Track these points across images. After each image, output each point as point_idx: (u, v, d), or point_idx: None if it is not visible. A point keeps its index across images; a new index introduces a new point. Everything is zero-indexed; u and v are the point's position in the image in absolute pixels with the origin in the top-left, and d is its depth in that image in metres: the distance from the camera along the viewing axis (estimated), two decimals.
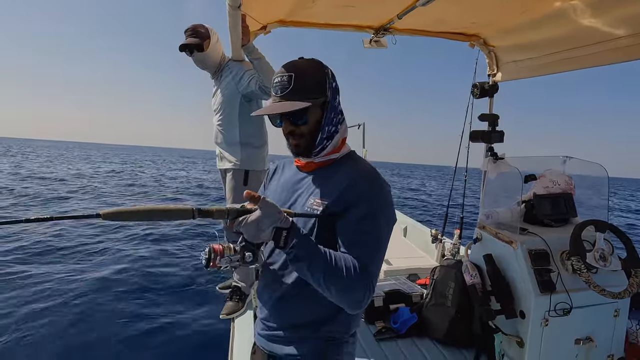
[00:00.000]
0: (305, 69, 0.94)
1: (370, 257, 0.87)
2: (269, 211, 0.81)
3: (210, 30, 2.28)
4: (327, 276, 0.82)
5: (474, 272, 1.83)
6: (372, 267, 0.87)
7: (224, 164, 2.41)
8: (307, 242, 0.84)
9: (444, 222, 3.36)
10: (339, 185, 0.93)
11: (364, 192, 0.91)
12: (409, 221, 4.11)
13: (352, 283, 0.83)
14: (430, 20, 2.15)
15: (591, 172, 1.97)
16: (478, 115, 2.37)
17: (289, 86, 0.91)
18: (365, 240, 0.88)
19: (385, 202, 0.93)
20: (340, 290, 0.83)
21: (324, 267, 0.82)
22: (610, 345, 1.72)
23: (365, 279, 0.84)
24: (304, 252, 0.82)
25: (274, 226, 0.81)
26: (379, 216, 0.90)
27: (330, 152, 1.01)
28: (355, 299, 0.84)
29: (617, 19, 1.63)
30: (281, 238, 0.81)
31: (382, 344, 2.00)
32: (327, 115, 0.96)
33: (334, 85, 0.97)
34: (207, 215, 0.82)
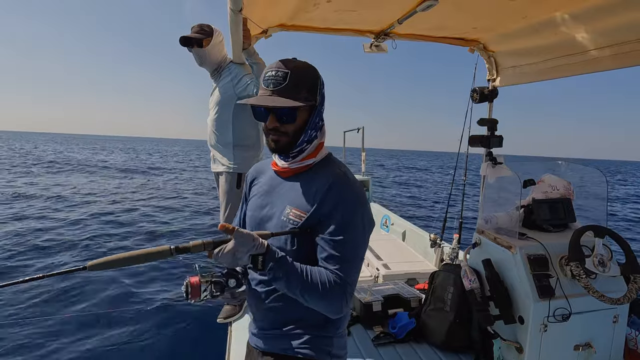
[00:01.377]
0: (301, 70, 0.95)
1: (346, 268, 0.91)
2: (243, 241, 0.86)
3: (215, 30, 2.29)
4: (305, 292, 0.89)
5: (472, 277, 1.82)
6: (349, 278, 0.91)
7: (217, 167, 2.42)
8: (283, 264, 0.89)
9: (443, 226, 3.36)
10: (314, 194, 0.96)
11: (338, 202, 0.93)
12: (407, 226, 4.10)
13: (328, 296, 0.89)
14: (431, 26, 2.16)
15: (590, 177, 1.97)
16: (477, 120, 2.38)
17: (284, 82, 0.92)
18: (340, 252, 0.91)
19: (359, 207, 0.95)
20: (318, 303, 0.90)
21: (301, 284, 0.89)
22: (610, 351, 1.71)
23: (342, 290, 0.90)
24: (281, 272, 0.89)
25: (250, 254, 0.87)
26: (353, 225, 0.93)
27: (307, 157, 1.01)
28: (332, 309, 0.92)
29: (615, 25, 1.64)
30: (258, 263, 0.88)
31: (380, 349, 1.99)
32: (312, 119, 0.98)
33: (323, 92, 1.00)
34: (184, 251, 0.86)
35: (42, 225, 7.13)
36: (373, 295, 2.29)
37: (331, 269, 0.91)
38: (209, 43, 2.26)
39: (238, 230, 0.86)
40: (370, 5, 1.87)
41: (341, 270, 0.91)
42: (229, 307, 2.34)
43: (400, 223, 4.22)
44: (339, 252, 0.92)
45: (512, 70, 2.43)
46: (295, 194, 0.99)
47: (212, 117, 2.38)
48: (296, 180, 1.02)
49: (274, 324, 1.03)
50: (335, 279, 0.90)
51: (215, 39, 2.28)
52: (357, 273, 0.96)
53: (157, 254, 0.86)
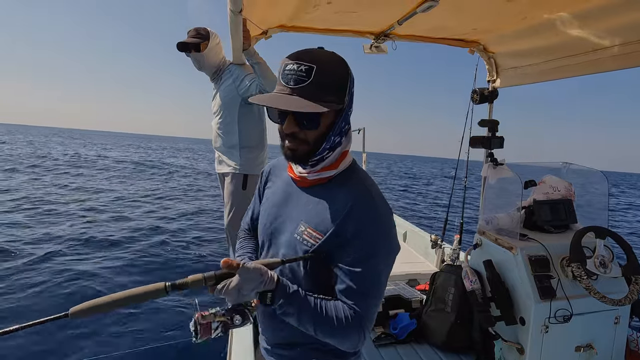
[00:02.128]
0: (330, 65, 0.79)
1: (365, 303, 0.82)
2: (249, 277, 0.76)
3: (212, 33, 2.29)
4: (318, 328, 0.81)
5: (473, 278, 1.82)
6: (367, 314, 0.83)
7: (223, 168, 2.41)
8: (294, 300, 0.81)
9: (444, 227, 3.36)
10: (332, 214, 0.84)
11: (360, 229, 0.81)
12: (408, 226, 4.10)
13: (343, 332, 0.81)
14: (431, 27, 2.16)
15: (591, 178, 1.97)
16: (478, 121, 2.38)
17: (307, 79, 0.76)
18: (359, 286, 0.81)
19: (385, 235, 0.84)
20: (332, 339, 0.83)
21: (314, 320, 0.81)
22: (611, 352, 1.71)
23: (358, 326, 0.81)
24: (292, 309, 0.81)
25: (256, 291, 0.78)
26: (376, 255, 0.82)
27: (327, 167, 0.88)
28: (347, 345, 0.83)
29: (616, 26, 1.64)
30: (267, 299, 0.79)
31: (381, 349, 1.98)
32: (338, 123, 0.83)
33: (352, 92, 0.84)
34: (182, 287, 0.76)
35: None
36: None
37: (349, 304, 0.82)
38: (206, 47, 2.26)
39: (244, 267, 0.76)
40: (370, 7, 1.87)
41: (359, 306, 0.82)
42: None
43: (401, 224, 4.22)
44: (358, 286, 0.81)
45: (512, 72, 2.43)
46: (311, 210, 0.88)
47: (216, 120, 2.39)
48: (314, 193, 0.90)
49: (281, 340, 0.97)
50: (353, 314, 0.81)
51: (212, 41, 2.28)
52: (376, 307, 0.86)
53: (151, 294, 0.75)
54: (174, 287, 0.76)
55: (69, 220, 7.46)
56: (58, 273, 4.75)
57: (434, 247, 3.23)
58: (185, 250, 6.13)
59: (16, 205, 8.36)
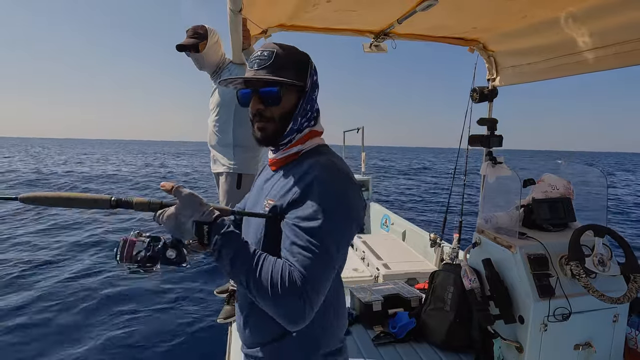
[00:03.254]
0: (289, 50, 0.87)
1: (310, 265, 0.72)
2: (186, 201, 0.75)
3: (210, 31, 2.26)
4: (252, 280, 0.72)
5: (472, 277, 1.82)
6: (310, 274, 0.72)
7: (218, 167, 2.41)
8: (231, 240, 0.74)
9: (443, 226, 3.36)
10: (290, 181, 0.83)
11: (313, 186, 0.78)
12: (407, 225, 4.10)
13: (279, 292, 0.70)
14: (430, 25, 2.16)
15: (590, 176, 1.97)
16: (477, 119, 2.38)
17: (269, 61, 0.83)
18: (304, 245, 0.74)
19: (339, 198, 0.79)
20: (267, 300, 0.71)
21: (248, 269, 0.72)
22: (610, 350, 1.71)
23: (299, 290, 0.70)
24: (226, 250, 0.73)
25: (193, 219, 0.74)
26: (327, 215, 0.76)
27: (294, 144, 0.90)
28: (285, 312, 0.71)
29: (616, 25, 1.64)
30: (203, 234, 0.74)
31: (380, 348, 1.99)
32: (302, 104, 0.87)
33: (315, 79, 0.90)
34: (126, 206, 0.77)
35: None
36: (373, 295, 2.29)
37: (291, 261, 0.73)
38: (205, 47, 2.23)
39: (177, 188, 0.75)
40: (370, 5, 1.87)
41: (301, 263, 0.72)
42: (229, 308, 2.33)
43: (400, 223, 4.23)
44: (302, 241, 0.74)
45: (511, 70, 2.43)
46: (276, 186, 0.89)
47: (212, 118, 2.38)
48: (282, 171, 0.91)
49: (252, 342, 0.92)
50: (292, 273, 0.71)
51: (210, 40, 2.25)
52: (322, 270, 0.74)
53: (95, 202, 0.76)
54: (118, 202, 0.76)
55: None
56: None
57: (433, 246, 3.23)
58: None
59: None
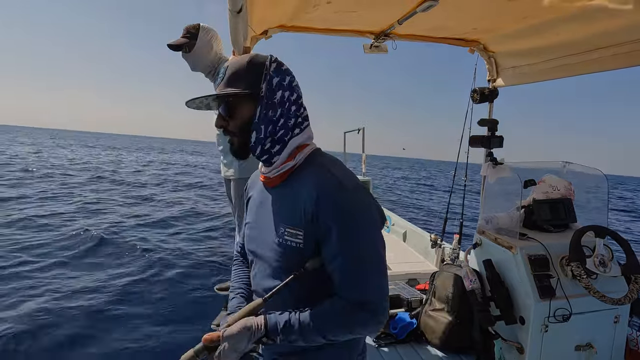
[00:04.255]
0: (240, 60, 0.87)
1: (361, 287, 0.80)
2: (237, 339, 0.80)
3: (202, 30, 2.19)
4: (328, 333, 0.81)
5: (473, 278, 1.82)
6: (368, 295, 0.81)
7: (227, 172, 2.42)
8: (289, 329, 0.80)
9: (443, 227, 3.36)
10: (304, 207, 0.82)
11: (332, 212, 0.80)
12: (408, 226, 4.10)
13: (353, 325, 0.81)
14: (431, 26, 2.16)
15: (591, 177, 1.97)
16: (478, 120, 2.38)
17: (223, 77, 0.86)
18: (349, 271, 0.81)
19: (359, 212, 0.82)
20: (348, 335, 0.83)
21: (319, 333, 0.80)
22: (611, 351, 1.71)
23: (365, 310, 0.80)
24: (293, 336, 0.80)
25: (251, 343, 0.81)
26: (357, 234, 0.81)
27: (285, 161, 0.89)
28: (367, 331, 0.83)
29: (616, 25, 1.64)
30: (264, 343, 0.82)
31: (381, 349, 1.99)
32: (260, 110, 0.84)
33: (275, 81, 0.86)
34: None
35: None
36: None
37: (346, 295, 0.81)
38: (193, 47, 2.17)
39: (225, 335, 0.80)
40: (370, 6, 1.87)
41: (356, 292, 0.80)
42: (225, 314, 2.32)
43: (401, 223, 4.22)
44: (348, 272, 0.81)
45: (512, 71, 2.43)
46: (283, 208, 0.88)
47: None
48: (281, 190, 0.90)
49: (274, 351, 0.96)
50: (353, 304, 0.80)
51: (201, 39, 2.18)
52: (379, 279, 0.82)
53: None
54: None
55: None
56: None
57: (433, 247, 3.23)
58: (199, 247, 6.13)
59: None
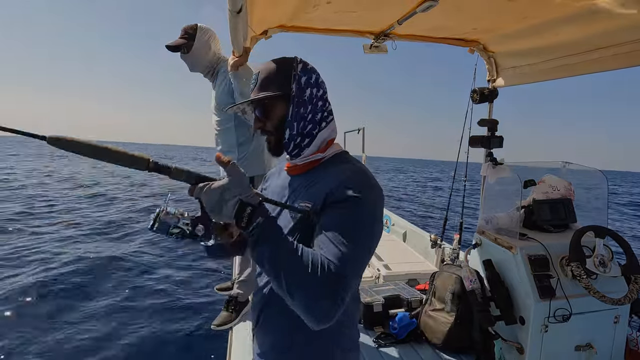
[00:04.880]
0: (269, 65, 0.93)
1: (342, 257, 0.73)
2: (238, 179, 0.73)
3: (200, 29, 2.19)
4: (289, 268, 0.70)
5: (473, 278, 1.82)
6: (343, 268, 0.72)
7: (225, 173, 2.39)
8: (272, 224, 0.74)
9: (443, 227, 3.36)
10: (325, 187, 0.84)
11: (351, 193, 0.79)
12: (408, 226, 4.10)
13: (315, 281, 0.70)
14: (431, 26, 2.16)
15: (590, 177, 1.97)
16: (477, 120, 2.38)
17: (256, 84, 0.92)
18: (342, 242, 0.75)
19: (373, 205, 0.83)
20: (302, 289, 0.70)
21: (287, 255, 0.71)
22: (611, 351, 1.71)
23: (334, 284, 0.71)
24: (268, 234, 0.72)
25: (239, 198, 0.72)
26: (363, 220, 0.79)
27: (314, 152, 0.95)
28: (318, 303, 0.69)
29: (617, 25, 1.64)
30: (244, 215, 0.71)
31: (381, 349, 1.98)
32: (292, 109, 0.90)
33: (304, 80, 0.92)
34: (164, 171, 0.73)
35: None
36: (374, 296, 2.29)
37: (326, 253, 0.74)
38: (191, 48, 2.17)
39: (234, 164, 0.74)
40: (370, 6, 1.87)
41: (339, 260, 0.73)
42: (226, 314, 2.28)
43: (401, 223, 4.22)
44: (340, 241, 0.75)
45: (512, 71, 2.43)
46: (305, 189, 0.91)
47: (214, 119, 2.37)
48: (306, 176, 0.94)
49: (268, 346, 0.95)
50: (329, 264, 0.72)
51: (199, 40, 2.18)
52: (355, 275, 0.77)
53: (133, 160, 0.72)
54: (156, 166, 0.73)
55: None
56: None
57: (433, 247, 3.23)
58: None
59: None
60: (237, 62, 2.01)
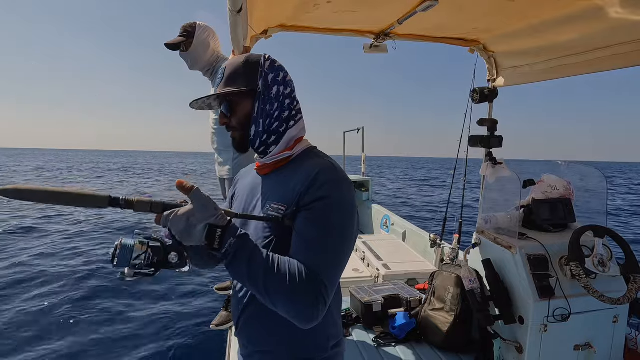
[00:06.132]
0: (237, 61, 0.92)
1: (320, 263, 0.76)
2: (202, 204, 0.72)
3: (199, 27, 2.19)
4: (269, 282, 0.72)
5: (472, 277, 1.82)
6: (322, 274, 0.75)
7: (222, 171, 2.38)
8: (245, 243, 0.74)
9: (443, 226, 3.36)
10: (296, 186, 0.83)
11: (320, 194, 0.80)
12: (407, 226, 4.10)
13: (296, 290, 0.72)
14: (431, 26, 2.16)
15: (590, 176, 1.97)
16: (477, 120, 2.38)
17: (222, 78, 0.91)
18: (315, 245, 0.77)
19: (344, 202, 0.82)
20: (284, 299, 0.72)
21: (264, 270, 0.72)
22: (610, 351, 1.71)
23: (314, 287, 0.73)
24: (242, 253, 0.73)
25: (207, 222, 0.72)
26: (333, 222, 0.79)
27: (282, 150, 0.93)
28: (302, 310, 0.72)
29: (616, 25, 1.64)
30: (215, 237, 0.72)
31: (380, 349, 1.99)
32: (258, 105, 0.89)
33: (271, 77, 0.91)
34: (126, 205, 0.71)
35: None
36: (373, 296, 2.29)
37: (302, 261, 0.75)
38: (190, 45, 2.17)
39: (197, 190, 0.72)
40: (370, 6, 1.87)
41: (315, 264, 0.75)
42: (225, 314, 2.28)
43: (401, 223, 4.22)
44: (314, 245, 0.77)
45: (512, 71, 2.44)
46: (275, 189, 0.90)
47: (212, 117, 2.37)
48: (274, 176, 0.94)
49: (252, 347, 0.95)
50: (308, 272, 0.74)
51: (198, 38, 2.18)
52: (335, 272, 0.79)
53: (91, 199, 0.69)
54: (117, 201, 0.70)
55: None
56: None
57: (433, 247, 3.24)
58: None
59: None
60: None
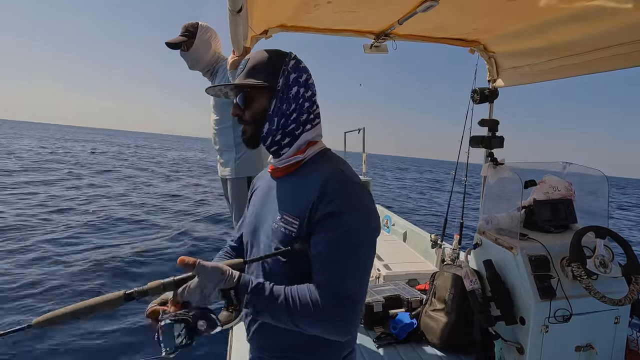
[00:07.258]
0: (261, 54, 0.91)
1: (341, 280, 0.78)
2: (208, 275, 0.76)
3: (201, 28, 2.20)
4: (296, 319, 0.78)
5: (473, 278, 1.82)
6: (346, 290, 0.77)
7: (224, 172, 2.38)
8: (260, 294, 0.78)
9: (444, 227, 3.36)
10: (306, 196, 0.83)
11: (330, 209, 0.80)
12: (408, 226, 4.10)
13: (324, 317, 0.76)
14: (431, 26, 2.16)
15: (591, 177, 1.97)
16: (478, 120, 2.37)
17: (243, 69, 0.90)
18: (333, 264, 0.79)
19: (357, 211, 0.82)
20: (315, 328, 0.78)
21: (287, 311, 0.77)
22: (611, 352, 1.71)
23: (339, 307, 0.77)
24: (260, 305, 0.78)
25: (219, 289, 0.77)
26: (348, 239, 0.79)
27: (294, 154, 0.92)
28: (334, 331, 0.78)
29: (616, 26, 1.64)
30: (231, 298, 0.77)
31: (381, 349, 1.98)
32: (275, 103, 0.88)
33: (292, 77, 0.89)
34: (141, 295, 0.76)
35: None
36: (374, 296, 2.29)
37: (323, 284, 0.78)
38: (191, 45, 2.19)
39: (200, 264, 0.76)
40: (371, 6, 1.87)
41: (335, 284, 0.77)
42: (226, 314, 2.27)
43: (401, 224, 4.22)
44: (333, 261, 0.79)
45: (512, 71, 2.43)
46: (285, 197, 0.90)
47: (213, 118, 2.36)
48: (287, 180, 0.93)
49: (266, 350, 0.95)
50: (329, 293, 0.77)
51: (199, 38, 2.19)
52: (359, 283, 0.80)
53: (108, 303, 0.75)
54: (132, 294, 0.75)
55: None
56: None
57: (434, 247, 3.23)
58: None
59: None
60: (236, 61, 2.01)
